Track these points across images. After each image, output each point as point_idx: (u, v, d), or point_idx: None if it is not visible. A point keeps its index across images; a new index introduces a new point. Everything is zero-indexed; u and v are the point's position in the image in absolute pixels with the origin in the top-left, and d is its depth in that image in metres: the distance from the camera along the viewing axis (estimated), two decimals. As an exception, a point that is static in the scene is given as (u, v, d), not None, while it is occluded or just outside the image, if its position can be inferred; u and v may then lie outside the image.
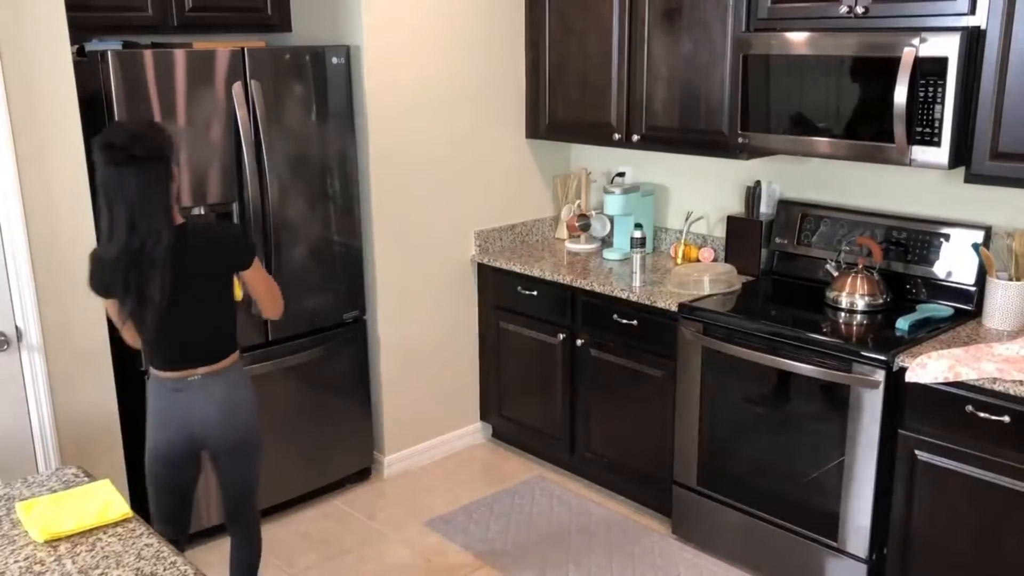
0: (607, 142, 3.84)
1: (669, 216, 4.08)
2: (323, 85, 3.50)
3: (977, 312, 3.05)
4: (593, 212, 4.20)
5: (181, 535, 2.72)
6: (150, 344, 2.50)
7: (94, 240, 2.92)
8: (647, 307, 3.43)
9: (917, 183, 3.28)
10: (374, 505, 3.78)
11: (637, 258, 3.59)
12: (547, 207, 4.40)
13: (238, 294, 2.59)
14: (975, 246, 3.06)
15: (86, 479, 2.09)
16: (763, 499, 3.16)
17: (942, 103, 2.75)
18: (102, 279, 2.39)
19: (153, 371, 2.55)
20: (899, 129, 2.82)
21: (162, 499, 2.65)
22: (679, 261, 3.86)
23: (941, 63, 2.73)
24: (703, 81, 3.44)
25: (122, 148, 2.27)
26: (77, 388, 2.97)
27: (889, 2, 2.90)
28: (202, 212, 3.27)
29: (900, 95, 2.79)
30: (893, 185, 3.34)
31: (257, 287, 2.61)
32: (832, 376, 2.87)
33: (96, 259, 2.40)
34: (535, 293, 3.88)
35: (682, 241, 3.89)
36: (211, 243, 2.50)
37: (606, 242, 4.19)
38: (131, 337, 2.52)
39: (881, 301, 3.15)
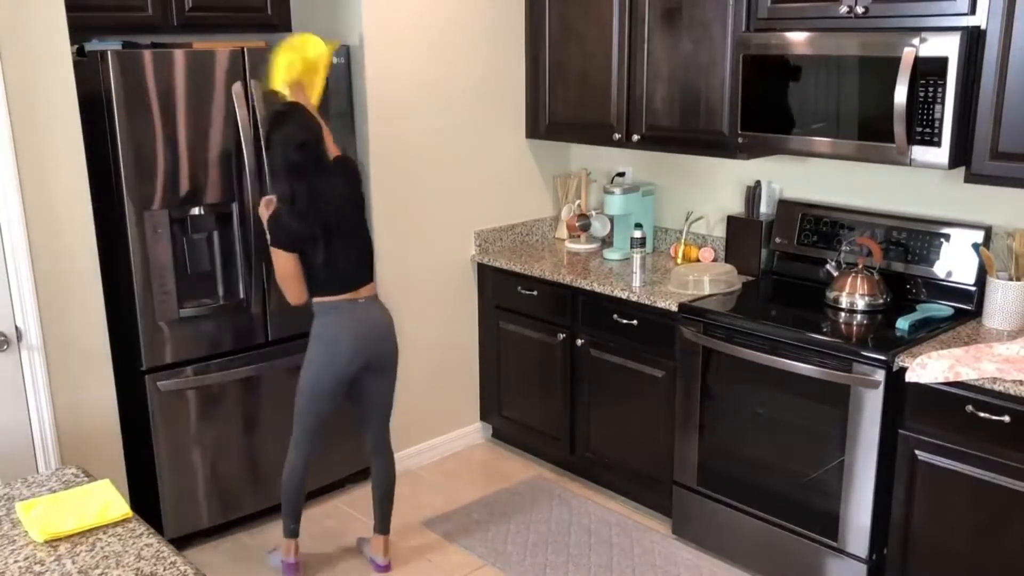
0: (607, 142, 3.84)
1: (669, 216, 4.08)
2: (323, 85, 3.49)
3: (977, 312, 3.05)
4: (593, 212, 4.20)
5: (319, 450, 3.20)
6: (328, 272, 2.96)
7: (94, 240, 2.93)
8: (647, 307, 3.43)
9: (917, 183, 3.28)
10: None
11: (637, 258, 3.59)
12: (547, 207, 4.40)
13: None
14: (975, 246, 3.06)
15: (86, 479, 2.09)
16: (763, 499, 3.16)
17: (942, 103, 2.75)
18: (287, 233, 2.90)
19: (322, 299, 3.00)
20: (899, 129, 2.82)
21: (315, 430, 3.10)
22: (679, 261, 3.86)
23: (941, 63, 2.73)
24: (703, 81, 3.44)
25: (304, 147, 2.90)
26: (77, 388, 2.97)
27: (889, 2, 2.90)
28: (201, 212, 3.27)
29: (900, 95, 2.79)
30: (893, 185, 3.34)
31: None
32: (832, 376, 2.87)
33: (285, 221, 2.90)
34: (535, 293, 3.88)
35: (682, 241, 3.89)
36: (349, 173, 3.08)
37: (606, 242, 4.19)
38: (300, 290, 2.99)
39: (881, 301, 3.15)
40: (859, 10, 2.96)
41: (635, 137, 3.71)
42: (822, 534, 3.00)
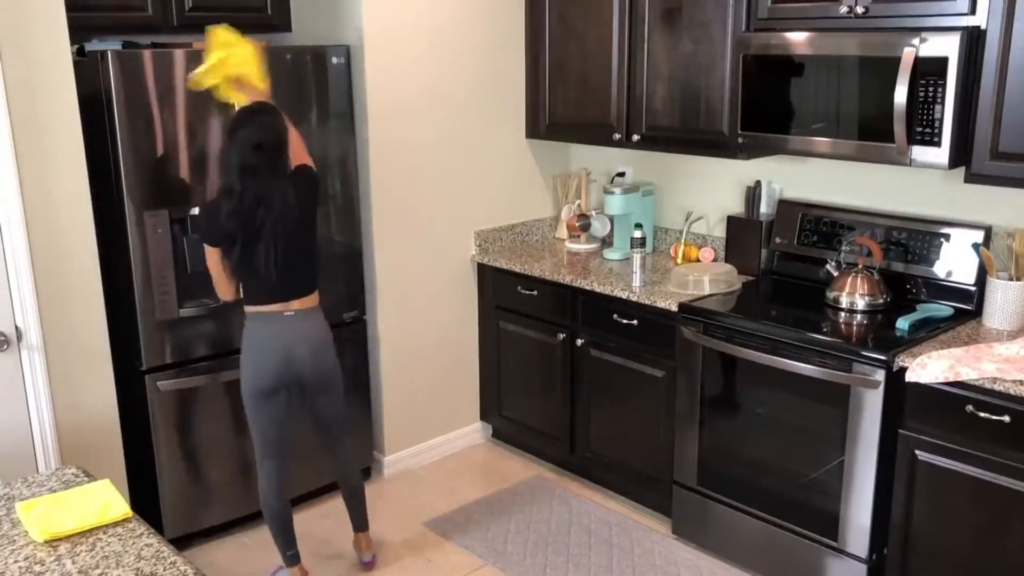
0: (607, 142, 3.84)
1: (669, 216, 4.08)
2: (323, 85, 3.50)
3: (977, 312, 3.05)
4: (593, 212, 4.20)
5: (285, 464, 3.06)
6: (256, 281, 2.86)
7: (94, 240, 2.93)
8: (647, 307, 3.43)
9: (917, 183, 3.28)
10: (374, 505, 3.77)
11: (637, 258, 3.59)
12: (547, 207, 4.40)
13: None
14: (975, 246, 3.06)
15: (86, 479, 2.09)
16: (763, 499, 3.16)
17: (942, 103, 2.75)
18: (219, 230, 2.81)
19: (250, 308, 2.92)
20: (899, 129, 2.82)
21: (271, 443, 3.00)
22: (679, 261, 3.86)
23: (941, 63, 2.73)
24: (703, 81, 3.44)
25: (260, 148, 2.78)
26: (77, 388, 2.97)
27: (889, 2, 2.90)
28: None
29: (900, 95, 2.79)
30: (893, 185, 3.34)
31: None
32: (832, 376, 2.87)
33: (212, 212, 2.83)
34: (535, 293, 3.88)
35: (682, 241, 3.89)
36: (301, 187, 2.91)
37: (606, 242, 4.20)
38: (227, 287, 2.92)
39: (881, 301, 3.15)
40: (859, 10, 2.96)
41: (635, 137, 3.71)
42: (822, 534, 3.00)
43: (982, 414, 2.58)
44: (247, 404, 2.97)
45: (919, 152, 2.83)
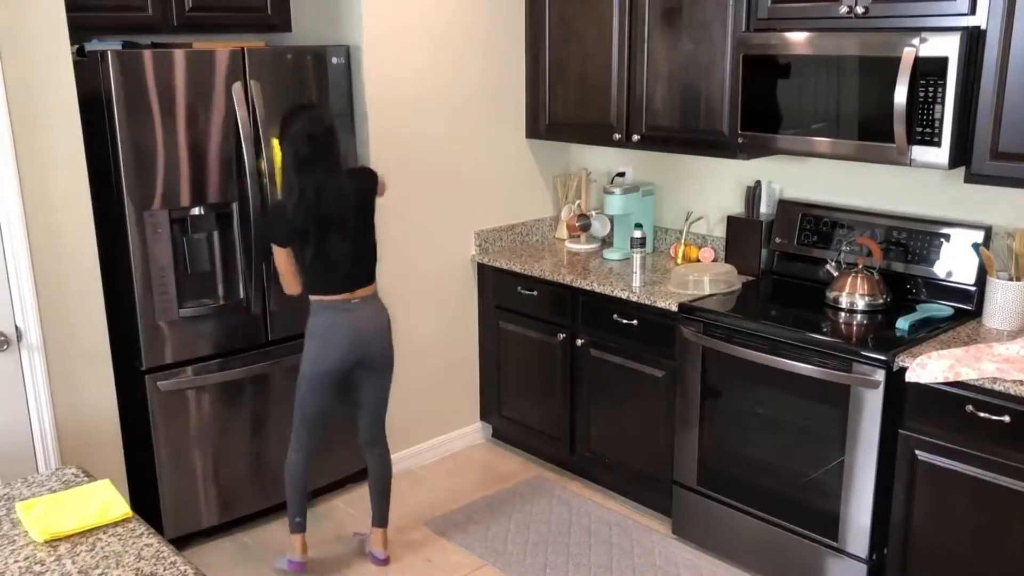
0: (607, 142, 3.84)
1: (669, 216, 4.08)
2: (323, 85, 3.50)
3: (977, 312, 3.05)
4: (593, 212, 4.20)
5: (318, 441, 3.22)
6: (328, 272, 3.02)
7: (94, 240, 2.93)
8: (647, 307, 3.43)
9: (917, 183, 3.28)
10: (374, 505, 3.78)
11: (637, 258, 3.59)
12: (547, 207, 4.40)
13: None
14: (975, 246, 3.06)
15: (86, 479, 2.09)
16: (763, 499, 3.16)
17: (942, 103, 2.75)
18: (289, 228, 2.97)
19: (317, 297, 3.06)
20: (899, 129, 2.82)
21: (314, 423, 3.16)
22: (679, 261, 3.86)
23: (941, 63, 2.73)
24: (703, 81, 3.44)
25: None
26: (77, 388, 2.97)
27: (889, 2, 2.90)
28: (201, 212, 3.27)
29: (900, 95, 2.79)
30: (893, 185, 3.34)
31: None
32: (832, 376, 2.87)
33: (278, 212, 3.08)
34: (535, 293, 3.88)
35: (682, 241, 3.89)
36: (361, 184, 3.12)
37: (606, 242, 4.19)
38: (295, 282, 3.09)
39: (881, 301, 3.15)
40: (859, 10, 2.96)
41: (635, 137, 3.71)
42: (822, 534, 3.00)
43: (982, 414, 2.58)
44: (303, 385, 3.11)
45: (919, 152, 2.83)
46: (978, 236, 3.07)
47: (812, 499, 3.02)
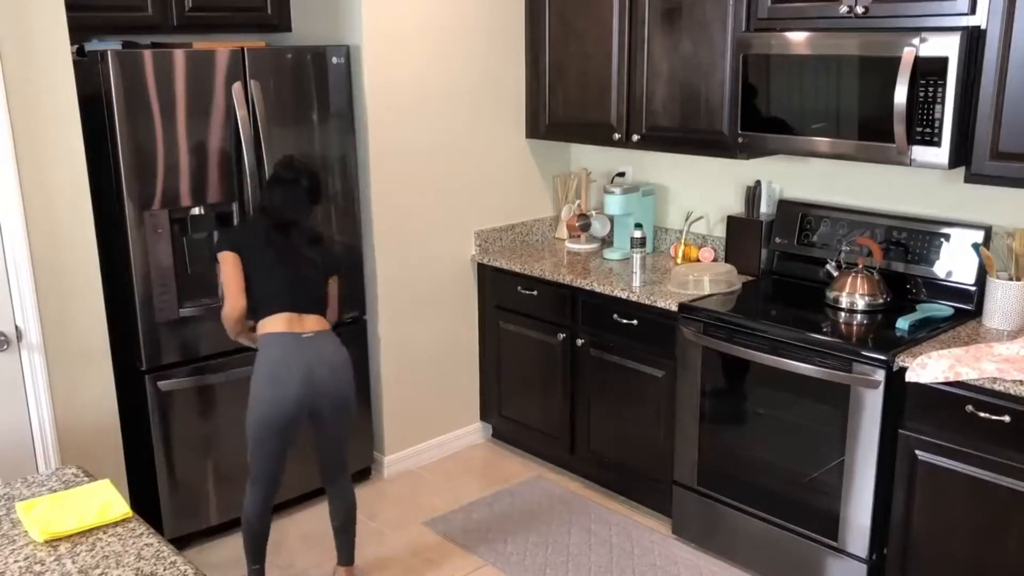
0: (607, 142, 3.84)
1: (669, 216, 4.08)
2: (323, 85, 3.50)
3: (977, 312, 3.05)
4: (593, 212, 4.20)
5: (273, 491, 2.96)
6: (271, 288, 2.87)
7: (94, 240, 2.93)
8: (647, 307, 3.43)
9: (917, 183, 3.28)
10: (374, 505, 3.78)
11: (637, 258, 3.59)
12: (547, 207, 4.40)
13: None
14: (975, 246, 3.06)
15: (86, 479, 2.09)
16: (763, 499, 3.16)
17: (942, 103, 2.75)
18: (237, 238, 2.91)
19: (265, 329, 2.85)
20: (899, 129, 2.82)
21: (271, 468, 2.89)
22: (679, 261, 3.86)
23: (941, 63, 2.73)
24: (703, 81, 3.44)
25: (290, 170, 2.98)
26: (77, 388, 2.97)
27: (889, 2, 2.90)
28: (201, 212, 3.27)
29: (900, 95, 2.79)
30: (893, 185, 3.34)
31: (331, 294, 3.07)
32: (832, 376, 2.87)
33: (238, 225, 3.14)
34: (535, 293, 3.88)
35: (682, 241, 3.89)
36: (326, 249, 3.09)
37: (606, 242, 4.20)
38: (239, 295, 2.86)
39: (881, 301, 3.15)
40: (859, 10, 2.96)
41: (635, 137, 3.71)
42: (822, 534, 3.00)
43: (982, 414, 2.58)
44: (253, 433, 2.83)
45: (919, 152, 2.83)
46: (978, 236, 3.07)
47: (812, 499, 3.02)
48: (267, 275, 2.87)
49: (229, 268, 2.87)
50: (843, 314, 3.16)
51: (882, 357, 2.76)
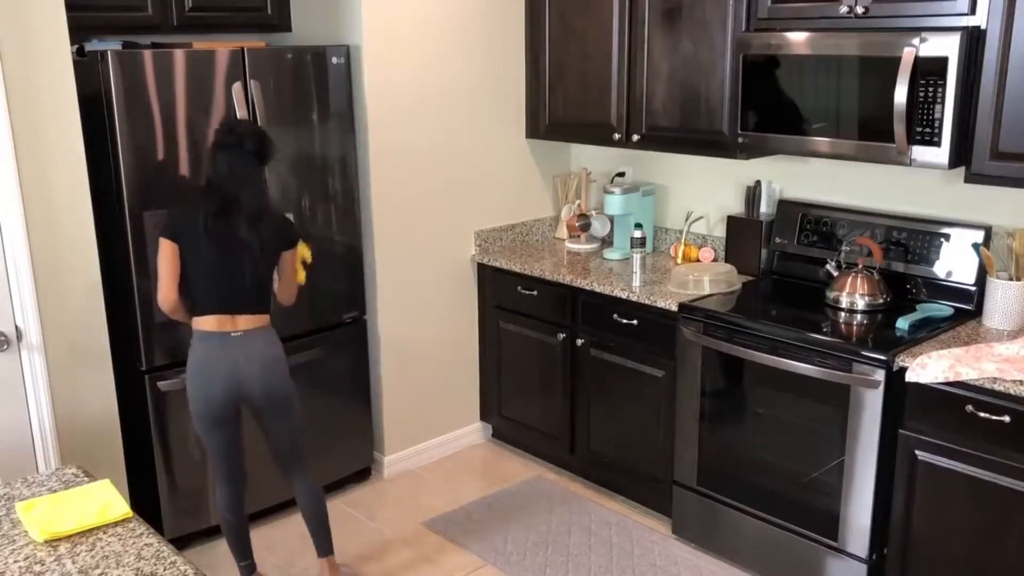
0: (607, 142, 3.84)
1: (669, 216, 4.08)
2: (323, 85, 3.50)
3: (977, 312, 3.05)
4: (593, 212, 4.20)
5: (239, 486, 3.00)
6: (205, 287, 2.77)
7: (94, 240, 2.93)
8: (647, 307, 3.43)
9: (917, 183, 3.28)
10: (374, 505, 3.78)
11: (637, 258, 3.59)
12: (547, 207, 4.40)
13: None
14: (975, 246, 3.06)
15: (86, 479, 2.09)
16: (763, 499, 3.16)
17: (942, 103, 2.75)
18: (178, 226, 2.76)
19: (198, 325, 2.80)
20: (899, 129, 2.82)
21: (224, 456, 2.92)
22: (679, 261, 3.86)
23: (941, 63, 2.73)
24: (703, 81, 3.44)
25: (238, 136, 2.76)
26: (77, 388, 2.97)
27: (889, 2, 2.90)
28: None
29: (900, 95, 2.79)
30: (893, 185, 3.34)
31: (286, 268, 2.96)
32: (832, 376, 2.87)
33: (178, 208, 2.88)
34: (535, 293, 3.88)
35: (682, 241, 3.89)
36: (274, 223, 2.89)
37: (606, 242, 4.20)
38: (171, 292, 2.77)
39: (881, 301, 3.15)
40: (859, 10, 2.96)
41: (635, 137, 3.71)
42: (822, 534, 3.00)
43: (982, 414, 2.58)
44: (197, 427, 2.89)
45: (919, 152, 2.83)
46: (978, 236, 3.07)
47: (812, 499, 3.02)
48: (201, 271, 2.76)
49: (164, 258, 2.76)
50: (843, 314, 3.16)
51: (882, 357, 2.76)
